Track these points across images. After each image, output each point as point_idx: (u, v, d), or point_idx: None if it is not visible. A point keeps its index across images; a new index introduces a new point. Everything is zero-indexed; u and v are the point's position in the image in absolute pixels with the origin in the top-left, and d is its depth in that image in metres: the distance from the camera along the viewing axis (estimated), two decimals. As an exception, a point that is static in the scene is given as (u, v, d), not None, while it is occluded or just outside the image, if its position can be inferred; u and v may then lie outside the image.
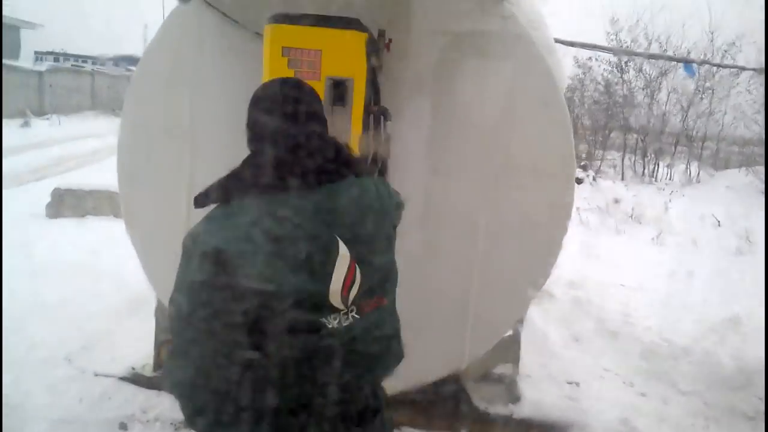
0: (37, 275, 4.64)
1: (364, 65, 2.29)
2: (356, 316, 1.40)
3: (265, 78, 2.17)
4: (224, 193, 1.38)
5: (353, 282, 1.38)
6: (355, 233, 1.40)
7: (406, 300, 2.73)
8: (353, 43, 2.26)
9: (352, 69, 2.28)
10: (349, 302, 1.38)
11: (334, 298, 1.35)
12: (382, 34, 2.55)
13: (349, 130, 2.27)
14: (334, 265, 1.34)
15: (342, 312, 1.37)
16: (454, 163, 2.84)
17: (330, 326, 1.35)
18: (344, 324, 1.37)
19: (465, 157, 2.84)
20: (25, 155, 12.17)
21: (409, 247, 2.75)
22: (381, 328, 1.48)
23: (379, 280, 1.47)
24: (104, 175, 6.73)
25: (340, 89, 2.25)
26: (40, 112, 21.77)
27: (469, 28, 2.69)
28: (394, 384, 1.73)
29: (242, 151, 1.48)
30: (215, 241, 1.27)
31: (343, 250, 1.36)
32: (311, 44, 2.23)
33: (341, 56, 2.26)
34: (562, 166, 2.85)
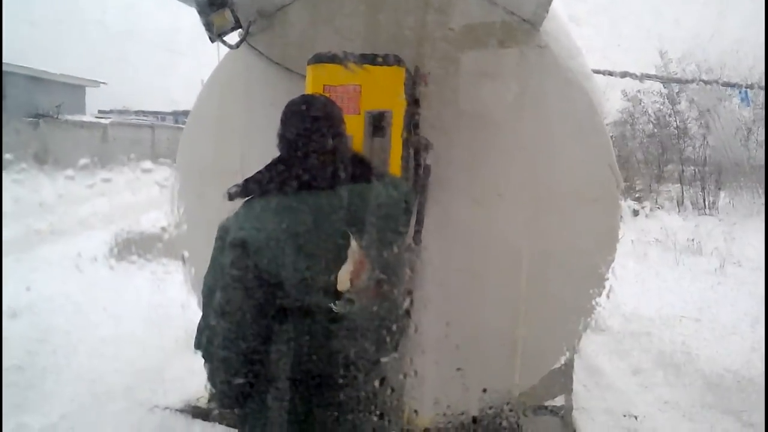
0: (100, 314, 4.85)
1: (402, 98, 2.38)
2: (362, 302, 1.58)
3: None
4: (252, 189, 1.64)
5: (361, 272, 1.58)
6: (365, 229, 1.61)
7: (454, 330, 2.77)
8: (391, 77, 2.36)
9: (391, 102, 2.37)
10: (357, 290, 1.57)
11: (342, 285, 1.55)
12: (417, 69, 2.64)
13: (387, 160, 2.35)
14: (346, 256, 1.55)
15: (349, 298, 1.56)
16: (495, 191, 2.86)
17: (337, 309, 1.55)
18: (350, 308, 1.56)
19: (506, 185, 2.86)
20: (90, 203, 12.79)
21: (453, 277, 2.80)
22: (383, 315, 1.67)
23: (386, 273, 1.66)
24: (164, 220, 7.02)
25: (378, 122, 2.34)
26: (103, 164, 22.98)
27: (506, 58, 2.74)
28: (443, 415, 1.76)
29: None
30: (242, 233, 1.53)
31: (354, 244, 1.56)
32: (350, 81, 2.34)
33: (380, 90, 2.36)
34: (604, 191, 2.83)
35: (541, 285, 2.78)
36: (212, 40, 2.57)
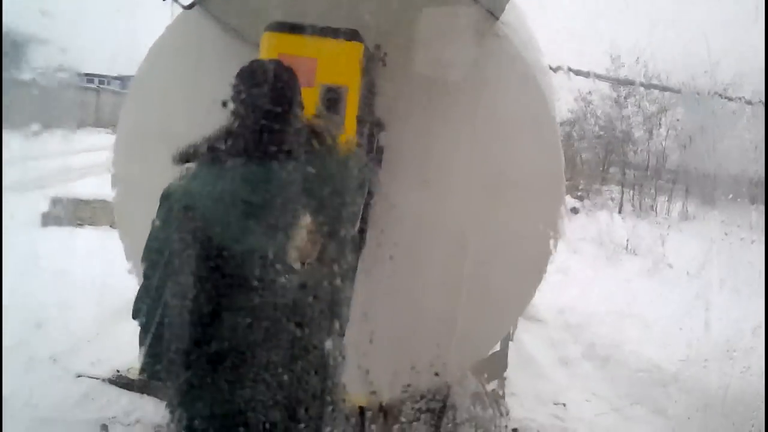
0: (27, 281, 4.64)
1: (359, 75, 2.35)
2: (311, 276, 1.53)
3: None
4: (201, 154, 1.56)
5: (311, 246, 1.52)
6: (318, 203, 1.55)
7: (394, 311, 2.78)
8: (349, 52, 2.33)
9: (347, 78, 2.34)
10: (305, 264, 1.52)
11: (292, 257, 1.49)
12: (378, 47, 2.61)
13: (340, 136, 2.32)
14: (296, 229, 1.50)
15: (298, 271, 1.50)
16: (444, 177, 2.88)
17: (285, 283, 1.48)
18: (298, 282, 1.50)
19: (455, 171, 2.88)
20: (29, 164, 12.22)
21: (397, 258, 2.81)
22: (332, 290, 1.60)
23: (336, 248, 1.60)
24: (102, 187, 6.78)
25: (333, 96, 2.31)
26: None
27: (464, 45, 2.75)
28: (381, 394, 1.76)
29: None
30: (188, 199, 1.47)
31: (306, 218, 1.51)
32: (307, 52, 2.29)
33: (336, 65, 2.33)
34: (550, 184, 2.90)
35: (482, 270, 2.83)
36: (164, -1, 2.47)
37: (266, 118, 1.56)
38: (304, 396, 1.55)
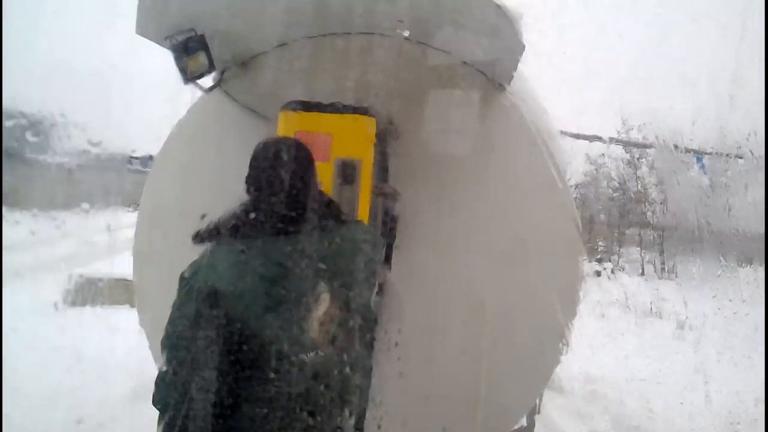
0: (47, 361, 4.64)
1: (372, 149, 2.42)
2: (332, 352, 1.52)
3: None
4: (220, 233, 1.57)
5: (331, 321, 1.51)
6: (336, 278, 1.55)
7: (415, 380, 2.72)
8: (362, 127, 2.41)
9: (361, 151, 2.40)
10: (327, 339, 1.50)
11: (313, 334, 1.48)
12: (390, 121, 2.69)
13: (356, 208, 2.36)
14: (316, 305, 1.49)
15: (319, 348, 1.49)
16: (461, 245, 2.89)
17: (307, 360, 1.46)
18: (320, 358, 1.48)
19: (472, 239, 2.89)
20: (52, 246, 12.42)
21: (417, 327, 2.78)
22: (354, 364, 1.58)
23: (356, 322, 1.59)
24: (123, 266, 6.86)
25: (348, 170, 2.36)
26: (68, 206, 22.41)
27: (473, 116, 2.82)
28: None
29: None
30: (208, 279, 1.45)
31: (325, 293, 1.51)
32: (322, 129, 2.37)
33: (350, 140, 2.40)
34: (567, 247, 2.89)
35: (502, 339, 2.78)
36: (185, 83, 2.58)
37: (281, 195, 1.59)
38: None
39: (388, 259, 2.59)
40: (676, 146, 15.55)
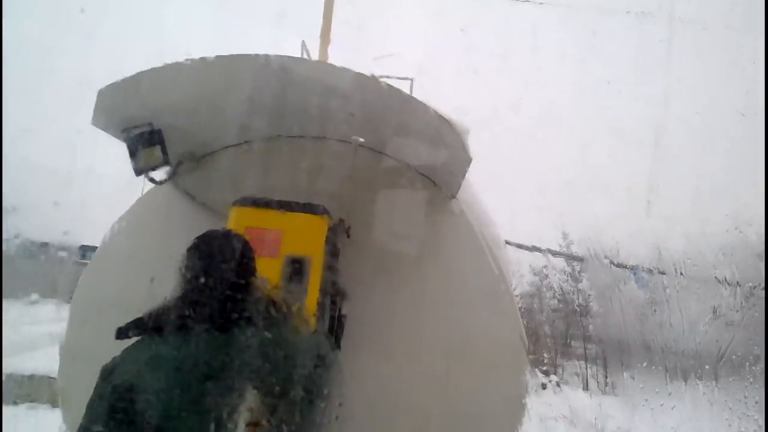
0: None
1: (322, 246, 2.43)
2: None
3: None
4: (144, 328, 1.50)
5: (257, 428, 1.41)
6: (266, 381, 1.46)
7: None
8: (313, 225, 2.43)
9: (311, 249, 2.41)
10: None
11: None
12: (341, 220, 2.73)
13: (304, 305, 2.32)
14: (241, 409, 1.40)
15: None
16: (408, 348, 2.85)
17: None
18: None
19: (419, 343, 2.86)
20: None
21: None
22: None
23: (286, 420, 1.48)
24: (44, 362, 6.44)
25: (297, 267, 2.35)
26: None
27: (422, 222, 2.89)
28: None
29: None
30: (126, 374, 1.38)
31: (252, 397, 1.43)
32: (273, 225, 2.38)
33: (301, 237, 2.40)
34: (513, 357, 2.88)
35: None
36: (137, 174, 2.57)
37: (214, 287, 1.53)
38: None
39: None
40: (612, 261, 16.21)
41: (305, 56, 3.52)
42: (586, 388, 14.94)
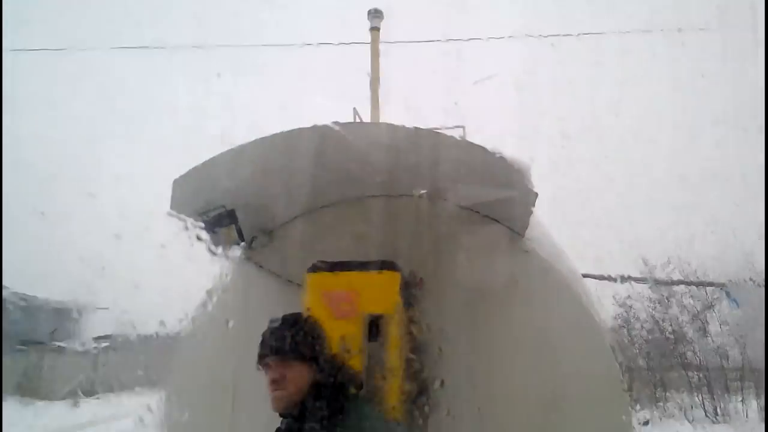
0: None
1: (397, 302, 2.45)
2: None
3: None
4: None
5: None
6: None
7: None
8: (386, 282, 2.46)
9: (386, 306, 2.43)
10: None
11: None
12: (413, 273, 2.75)
13: (384, 362, 2.33)
14: None
15: None
16: (500, 402, 2.76)
17: None
18: None
19: (509, 391, 2.78)
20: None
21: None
22: None
23: None
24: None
25: (375, 325, 2.38)
26: (91, 392, 21.96)
27: (493, 263, 2.86)
28: None
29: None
30: None
31: None
32: (347, 286, 2.43)
33: (375, 295, 2.44)
34: (611, 394, 2.77)
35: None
36: (214, 254, 2.70)
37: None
38: None
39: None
40: (701, 282, 15.36)
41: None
42: (692, 420, 13.92)
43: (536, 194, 2.50)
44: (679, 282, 15.28)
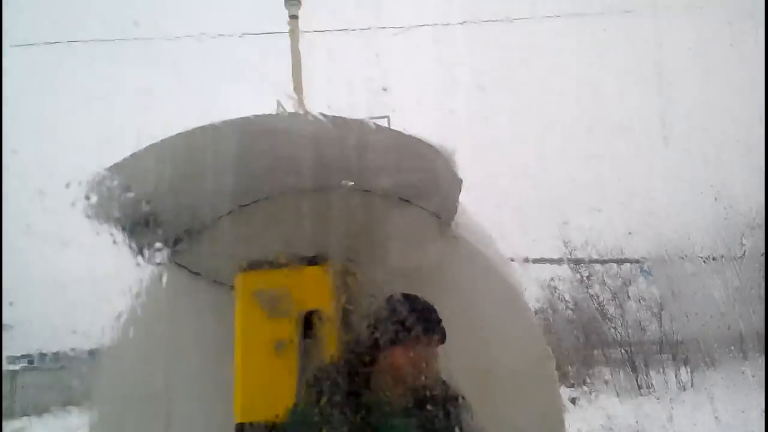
0: None
1: (331, 296, 2.43)
2: None
3: (238, 324, 2.27)
4: None
5: None
6: None
7: None
8: (318, 277, 2.43)
9: (320, 300, 2.41)
10: None
11: None
12: (346, 266, 2.73)
13: (322, 360, 2.31)
14: None
15: None
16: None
17: None
18: None
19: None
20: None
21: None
22: None
23: None
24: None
25: (309, 322, 2.35)
26: (11, 416, 20.64)
27: (422, 250, 2.89)
28: None
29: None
30: None
31: None
32: (279, 284, 2.38)
33: (309, 290, 2.40)
34: (542, 368, 2.85)
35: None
36: (137, 258, 2.57)
37: None
38: None
39: None
40: (618, 260, 16.20)
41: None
42: (617, 394, 14.68)
43: (461, 181, 2.54)
44: (598, 261, 16.05)
